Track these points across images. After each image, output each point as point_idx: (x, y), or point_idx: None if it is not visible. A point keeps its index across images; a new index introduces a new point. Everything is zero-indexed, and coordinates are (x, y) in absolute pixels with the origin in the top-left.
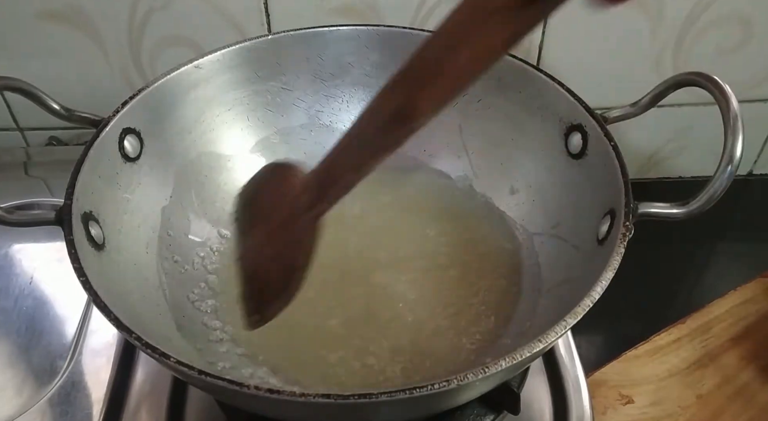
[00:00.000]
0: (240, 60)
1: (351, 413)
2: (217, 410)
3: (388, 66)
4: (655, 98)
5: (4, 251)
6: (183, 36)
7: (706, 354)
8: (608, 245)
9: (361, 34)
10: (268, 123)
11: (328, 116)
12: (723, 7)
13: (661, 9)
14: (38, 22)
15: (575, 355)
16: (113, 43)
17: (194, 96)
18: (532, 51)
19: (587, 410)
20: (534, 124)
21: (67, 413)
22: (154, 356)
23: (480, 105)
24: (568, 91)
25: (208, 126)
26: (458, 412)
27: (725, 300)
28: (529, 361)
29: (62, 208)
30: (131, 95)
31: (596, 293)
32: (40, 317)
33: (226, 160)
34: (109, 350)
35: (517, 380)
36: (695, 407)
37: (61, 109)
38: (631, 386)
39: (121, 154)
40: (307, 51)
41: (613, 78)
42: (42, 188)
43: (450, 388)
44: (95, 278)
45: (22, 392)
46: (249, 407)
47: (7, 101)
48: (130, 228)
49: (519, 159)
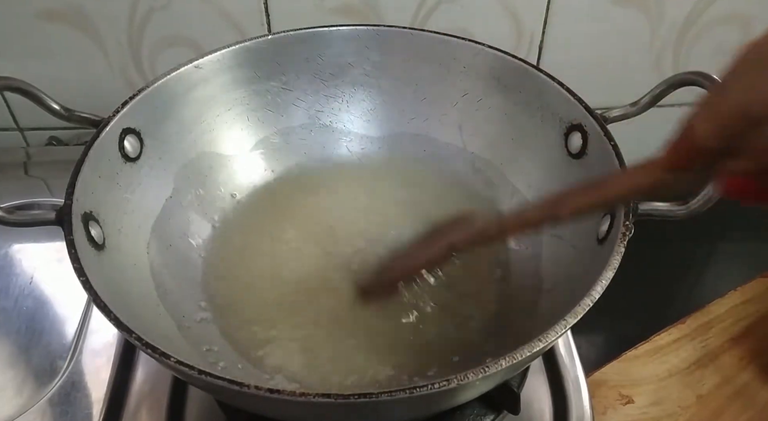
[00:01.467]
0: (240, 60)
1: (351, 412)
2: (217, 410)
3: (388, 66)
4: (655, 98)
5: (4, 251)
6: (183, 36)
7: (706, 354)
8: (608, 244)
9: (361, 34)
10: (268, 123)
11: (328, 116)
12: (723, 7)
13: (661, 9)
14: (38, 22)
15: (575, 355)
16: (113, 43)
17: (194, 96)
18: (532, 51)
19: (587, 410)
20: (534, 124)
21: (67, 413)
22: (154, 355)
23: (480, 105)
24: (568, 91)
25: (208, 126)
26: (458, 412)
27: (725, 300)
28: (529, 361)
29: (62, 209)
30: (131, 95)
31: (596, 293)
32: (40, 317)
33: (226, 160)
34: (109, 350)
35: (517, 380)
36: (695, 407)
37: (61, 109)
38: (631, 386)
39: (121, 154)
40: (307, 51)
41: (613, 78)
42: (42, 188)
43: (450, 388)
44: (95, 278)
45: (22, 392)
46: (249, 407)
47: (7, 101)
48: (130, 228)
49: (519, 159)
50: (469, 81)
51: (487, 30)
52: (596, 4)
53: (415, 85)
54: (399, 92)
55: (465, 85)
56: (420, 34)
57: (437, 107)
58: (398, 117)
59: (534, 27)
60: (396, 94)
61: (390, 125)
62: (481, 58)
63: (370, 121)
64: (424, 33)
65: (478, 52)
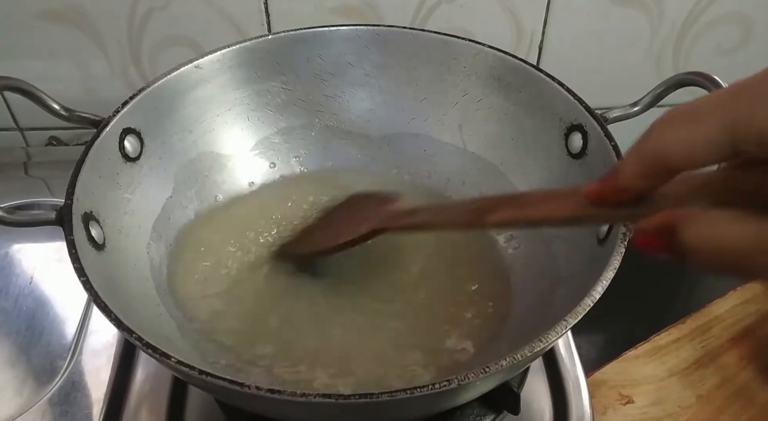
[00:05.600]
0: (240, 60)
1: (351, 412)
2: (217, 410)
3: (388, 66)
4: (655, 98)
5: (4, 251)
6: (183, 36)
7: (706, 354)
8: (608, 244)
9: (361, 34)
10: (268, 123)
11: (328, 116)
12: (723, 7)
13: (661, 9)
14: (38, 22)
15: (575, 355)
16: (113, 43)
17: (194, 96)
18: (532, 51)
19: (587, 410)
20: (534, 124)
21: (67, 413)
22: (155, 355)
23: (480, 105)
24: (568, 91)
25: (208, 126)
26: (458, 412)
27: (725, 300)
28: (529, 361)
29: (62, 208)
30: (131, 95)
31: (596, 293)
32: (40, 317)
33: (226, 160)
34: (109, 350)
35: (517, 380)
36: (695, 407)
37: (61, 109)
38: (631, 386)
39: (121, 154)
40: (307, 51)
41: (613, 78)
42: (42, 188)
43: (450, 388)
44: (95, 278)
45: (22, 392)
46: (249, 407)
47: (7, 101)
48: (130, 228)
49: (519, 159)
50: (469, 81)
51: (487, 30)
52: (596, 4)
53: (415, 85)
54: (399, 92)
55: (465, 85)
56: (420, 34)
57: (437, 107)
58: (398, 117)
59: (534, 27)
60: (396, 94)
61: (390, 125)
62: (481, 58)
63: (370, 121)
64: (424, 33)
65: (478, 52)
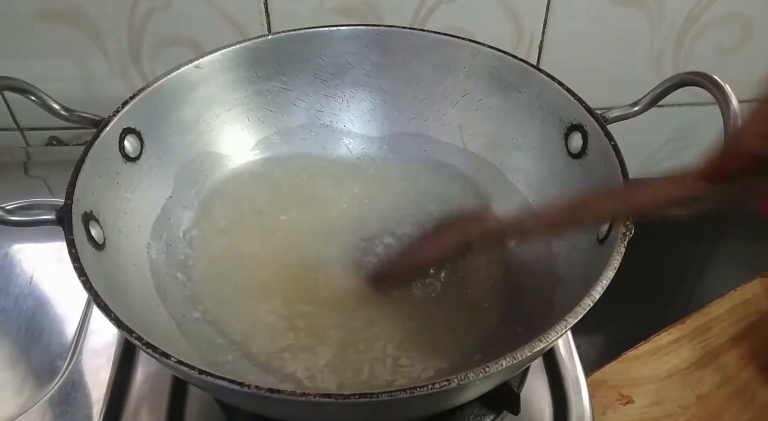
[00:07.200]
0: (240, 60)
1: (351, 412)
2: (217, 410)
3: (388, 66)
4: (655, 98)
5: (4, 251)
6: (183, 36)
7: (706, 354)
8: (608, 244)
9: (361, 34)
10: (268, 123)
11: (328, 116)
12: (723, 7)
13: (661, 9)
14: (38, 22)
15: (575, 355)
16: (113, 42)
17: (194, 96)
18: (532, 51)
19: (587, 410)
20: (534, 124)
21: (67, 413)
22: (155, 355)
23: (480, 105)
24: (568, 91)
25: (208, 126)
26: (458, 412)
27: (725, 300)
28: (529, 361)
29: (62, 208)
30: (131, 95)
31: (596, 293)
32: (40, 317)
33: (226, 160)
34: (109, 350)
35: (517, 380)
36: (695, 407)
37: (61, 109)
38: (631, 386)
39: (121, 154)
40: (307, 51)
41: (613, 78)
42: (42, 188)
43: (450, 388)
44: (95, 277)
45: (22, 392)
46: (249, 407)
47: (7, 101)
48: (130, 228)
49: (519, 159)
50: (469, 81)
51: (487, 30)
52: (596, 4)
53: (415, 85)
54: (399, 92)
55: (465, 85)
56: (420, 34)
57: (437, 107)
58: (398, 117)
59: (534, 27)
60: (396, 94)
61: (390, 125)
62: (481, 58)
63: (370, 121)
64: (424, 33)
65: (478, 52)
